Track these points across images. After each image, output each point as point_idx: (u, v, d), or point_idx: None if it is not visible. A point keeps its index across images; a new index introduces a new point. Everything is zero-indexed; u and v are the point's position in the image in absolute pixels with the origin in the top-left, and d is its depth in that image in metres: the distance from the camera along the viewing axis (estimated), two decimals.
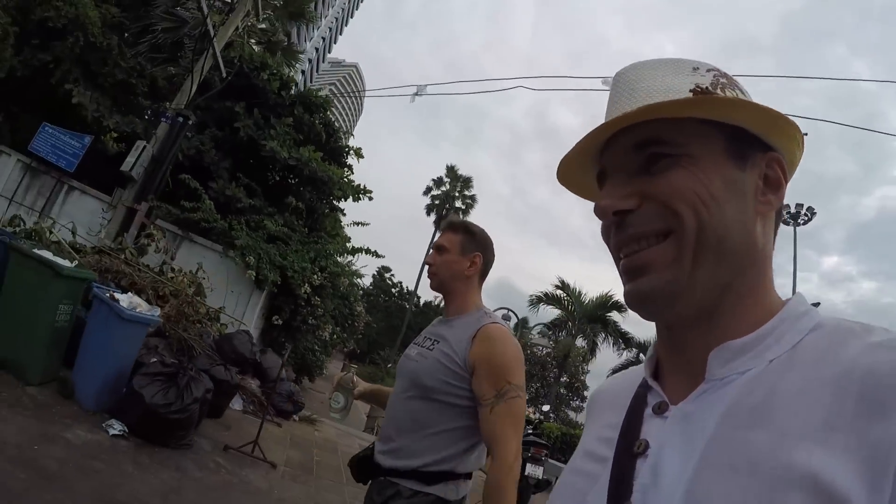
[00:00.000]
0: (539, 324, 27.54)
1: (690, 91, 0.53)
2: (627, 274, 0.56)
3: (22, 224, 8.06)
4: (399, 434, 1.67)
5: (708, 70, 0.56)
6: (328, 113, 10.66)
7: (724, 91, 0.55)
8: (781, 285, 0.58)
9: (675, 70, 0.56)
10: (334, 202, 10.86)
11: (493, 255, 1.86)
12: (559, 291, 23.82)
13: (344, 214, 11.87)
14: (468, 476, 1.65)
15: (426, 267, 1.86)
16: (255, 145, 9.60)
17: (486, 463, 1.61)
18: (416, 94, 10.81)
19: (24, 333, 4.41)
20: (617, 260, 0.59)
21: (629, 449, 0.54)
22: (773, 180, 0.56)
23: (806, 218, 22.56)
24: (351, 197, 10.48)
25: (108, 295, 4.61)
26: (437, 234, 1.85)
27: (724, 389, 0.51)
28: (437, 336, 1.75)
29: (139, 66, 10.19)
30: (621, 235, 0.56)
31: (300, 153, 9.45)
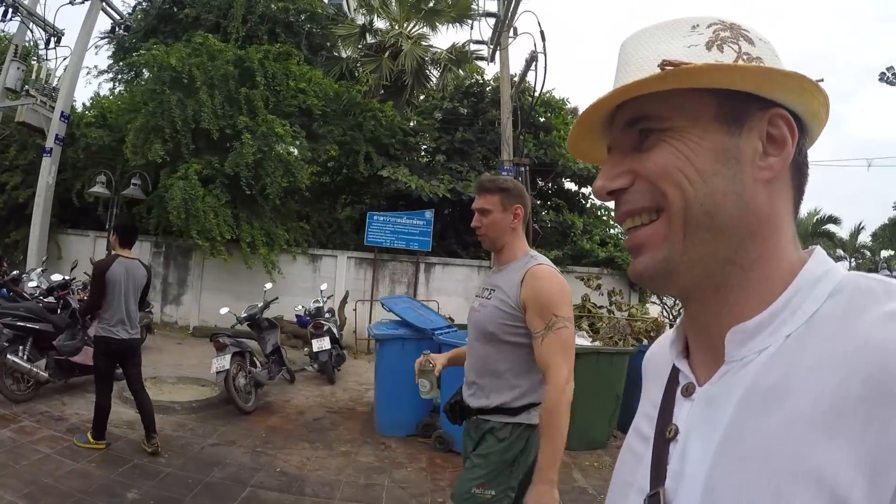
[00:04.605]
0: None
1: (658, 66, 0.51)
2: (630, 251, 0.57)
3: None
4: (479, 377, 1.88)
5: (709, 25, 0.54)
6: (566, 110, 11.34)
7: (724, 48, 0.52)
8: None
9: (670, 34, 0.55)
10: None
11: (529, 200, 2.00)
12: None
13: None
14: None
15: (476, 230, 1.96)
16: (552, 166, 10.36)
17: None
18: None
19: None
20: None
21: (663, 433, 0.56)
22: (778, 139, 0.52)
23: None
24: None
25: None
26: (475, 198, 1.97)
27: (744, 371, 0.49)
28: (492, 286, 1.93)
29: (415, 129, 10.03)
30: (617, 212, 0.57)
31: None
